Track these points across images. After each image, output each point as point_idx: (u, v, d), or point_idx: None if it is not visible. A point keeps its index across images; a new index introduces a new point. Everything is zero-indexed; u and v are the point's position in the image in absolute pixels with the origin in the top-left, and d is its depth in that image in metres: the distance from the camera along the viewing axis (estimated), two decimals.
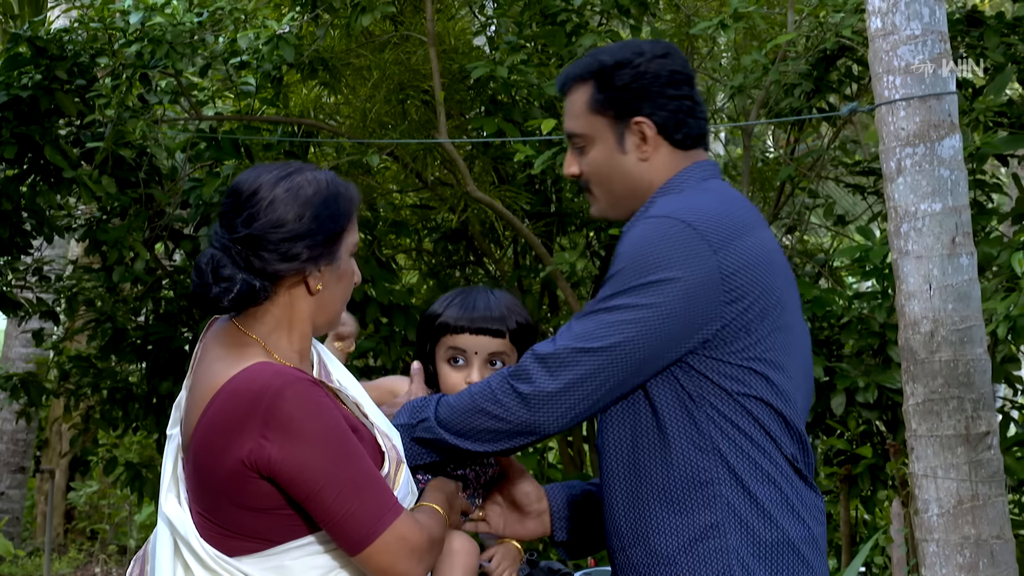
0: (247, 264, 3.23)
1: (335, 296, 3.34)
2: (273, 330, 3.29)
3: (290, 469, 3.10)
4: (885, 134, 6.24)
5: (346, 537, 3.15)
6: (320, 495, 3.11)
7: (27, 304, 10.09)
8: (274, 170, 3.31)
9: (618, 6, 8.69)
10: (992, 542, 6.09)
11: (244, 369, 3.16)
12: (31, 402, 10.75)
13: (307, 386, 3.15)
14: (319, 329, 3.39)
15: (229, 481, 3.14)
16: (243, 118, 9.32)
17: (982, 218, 8.02)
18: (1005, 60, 8.10)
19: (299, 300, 3.30)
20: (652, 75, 3.49)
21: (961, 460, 6.10)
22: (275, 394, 3.11)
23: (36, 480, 16.34)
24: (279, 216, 3.23)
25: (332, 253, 3.28)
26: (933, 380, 6.13)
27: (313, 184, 3.28)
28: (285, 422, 3.09)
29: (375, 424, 3.34)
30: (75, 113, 8.79)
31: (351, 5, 8.21)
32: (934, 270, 6.11)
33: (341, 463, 3.12)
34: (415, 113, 9.13)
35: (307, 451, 3.10)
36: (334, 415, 3.16)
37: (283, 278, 3.26)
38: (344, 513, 3.12)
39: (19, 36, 8.72)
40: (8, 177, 8.99)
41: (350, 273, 3.36)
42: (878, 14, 6.24)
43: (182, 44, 8.02)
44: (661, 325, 3.29)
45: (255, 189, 3.27)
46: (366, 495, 3.13)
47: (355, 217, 3.38)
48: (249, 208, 3.26)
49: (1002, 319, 7.07)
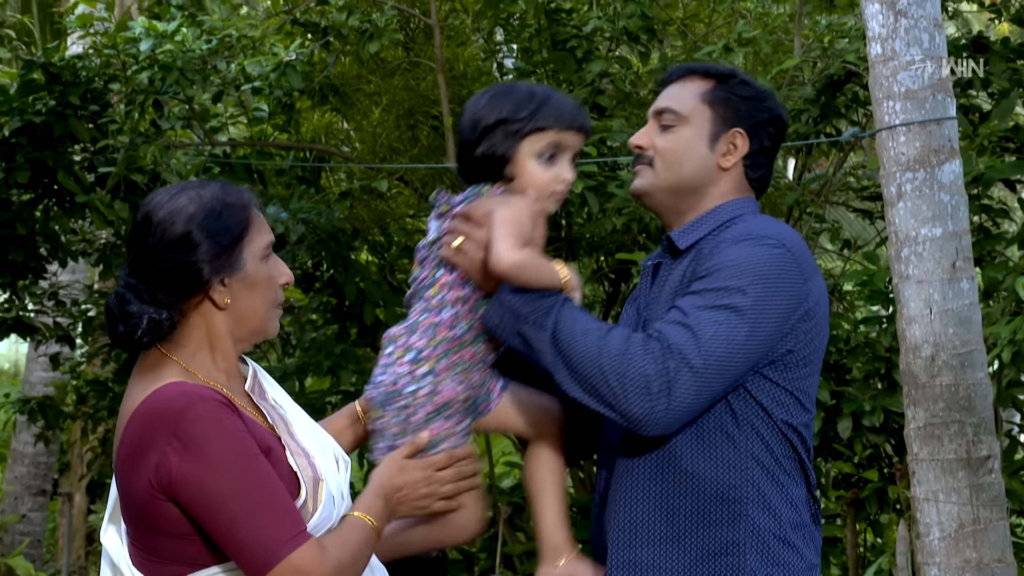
0: (150, 297, 3.20)
1: (252, 305, 3.26)
2: (196, 351, 3.24)
3: (188, 489, 3.03)
4: (885, 159, 6.22)
5: (244, 565, 3.06)
6: (216, 519, 3.03)
7: (43, 328, 10.13)
8: (160, 195, 3.25)
9: (627, 33, 8.69)
10: (994, 566, 6.05)
11: (154, 391, 3.12)
12: (48, 425, 10.76)
13: (213, 406, 3.08)
14: (245, 340, 3.31)
15: (143, 505, 3.10)
16: (255, 144, 9.35)
17: (988, 243, 7.99)
18: (1010, 86, 8.09)
19: (212, 317, 3.24)
20: (768, 109, 3.59)
21: (962, 484, 6.07)
22: (177, 413, 3.05)
23: (58, 503, 16.37)
24: (164, 240, 3.18)
25: (232, 264, 3.20)
26: (934, 404, 6.11)
27: (196, 201, 3.21)
28: (186, 441, 3.03)
29: (297, 445, 3.29)
30: (88, 139, 8.83)
31: (359, 32, 8.24)
32: (935, 294, 6.09)
33: (239, 487, 3.03)
34: (424, 138, 9.15)
35: (205, 471, 3.03)
36: (239, 437, 3.08)
37: (188, 300, 3.22)
38: (240, 540, 3.02)
39: (33, 62, 8.77)
40: (23, 202, 9.03)
41: (265, 278, 3.26)
42: (878, 40, 6.23)
43: (192, 71, 8.06)
44: (767, 336, 3.34)
45: (142, 218, 3.23)
46: (264, 522, 3.03)
47: (255, 222, 3.27)
48: (139, 240, 3.22)
49: (1006, 343, 7.03)
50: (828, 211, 10.21)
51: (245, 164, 9.21)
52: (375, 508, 3.32)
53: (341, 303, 9.05)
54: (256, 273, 3.24)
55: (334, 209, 8.59)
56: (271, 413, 3.31)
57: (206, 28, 8.21)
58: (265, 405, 3.32)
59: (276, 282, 3.30)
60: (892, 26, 6.19)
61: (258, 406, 3.30)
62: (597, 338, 3.28)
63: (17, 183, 8.84)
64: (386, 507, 3.37)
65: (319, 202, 8.64)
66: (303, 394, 9.10)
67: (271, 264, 3.29)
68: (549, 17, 9.00)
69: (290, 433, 3.30)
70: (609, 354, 3.25)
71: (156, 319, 3.19)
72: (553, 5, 9.07)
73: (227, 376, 3.28)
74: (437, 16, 8.73)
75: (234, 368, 3.32)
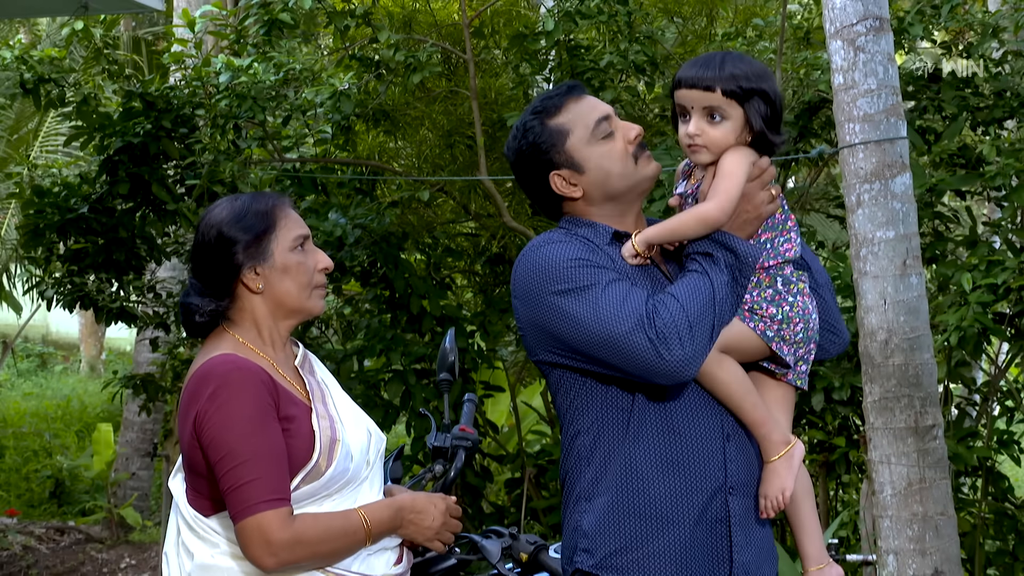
0: (203, 289, 3.32)
1: (286, 288, 3.36)
2: (248, 328, 3.37)
3: (206, 437, 3.15)
4: (847, 173, 6.23)
5: (229, 507, 3.16)
6: (218, 465, 3.14)
7: (143, 316, 10.22)
8: (209, 207, 3.42)
9: (635, 66, 8.71)
10: (937, 518, 6.06)
11: (209, 359, 3.24)
12: (149, 398, 10.85)
13: (248, 375, 3.19)
14: (289, 318, 3.41)
15: (188, 449, 3.22)
16: (320, 160, 9.40)
17: (939, 244, 7.98)
18: (959, 111, 8.06)
19: (251, 301, 3.37)
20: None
21: (911, 449, 6.08)
22: (219, 378, 3.19)
23: (162, 463, 16.53)
24: (201, 241, 3.33)
25: (260, 255, 3.32)
26: (888, 381, 6.11)
27: (227, 208, 3.36)
28: (218, 401, 3.15)
29: (325, 410, 3.35)
30: (178, 156, 8.91)
31: (405, 66, 8.29)
32: (888, 288, 6.10)
33: (244, 446, 3.12)
34: (461, 156, 9.18)
35: (222, 425, 3.14)
36: (261, 407, 3.17)
37: (231, 288, 3.32)
38: (228, 488, 3.13)
39: (132, 92, 8.86)
40: (124, 210, 9.13)
41: (296, 264, 3.37)
42: (840, 71, 6.24)
43: (263, 99, 8.12)
44: None
45: (197, 226, 3.39)
46: (253, 480, 3.12)
47: (283, 219, 3.38)
48: (193, 243, 3.40)
49: (953, 329, 7.02)
50: (807, 217, 10.20)
51: (311, 177, 9.26)
52: (379, 514, 3.35)
53: (392, 295, 9.09)
54: (286, 261, 3.34)
55: (384, 216, 8.64)
56: (312, 384, 3.39)
57: (275, 63, 8.26)
58: (310, 379, 3.40)
59: (311, 267, 3.39)
60: (852, 60, 6.19)
61: (303, 378, 3.37)
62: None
63: (119, 194, 8.95)
64: (393, 518, 3.39)
65: (372, 210, 8.69)
66: (361, 372, 9.15)
67: (307, 253, 3.38)
68: (570, 53, 9.03)
69: (324, 403, 3.37)
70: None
71: (207, 308, 3.31)
72: (573, 43, 9.10)
73: (275, 349, 3.37)
74: (472, 52, 8.76)
75: (281, 342, 3.40)
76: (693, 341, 3.19)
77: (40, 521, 14.21)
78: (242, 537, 3.10)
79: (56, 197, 9.11)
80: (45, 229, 9.09)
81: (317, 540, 3.18)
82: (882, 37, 6.18)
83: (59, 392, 21.21)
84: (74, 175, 9.47)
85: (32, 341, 26.52)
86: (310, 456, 3.21)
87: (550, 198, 3.49)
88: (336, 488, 3.27)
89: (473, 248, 10.35)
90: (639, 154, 3.48)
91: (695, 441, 3.34)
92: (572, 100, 3.49)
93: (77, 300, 9.56)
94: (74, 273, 9.50)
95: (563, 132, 3.45)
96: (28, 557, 12.30)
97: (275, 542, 3.10)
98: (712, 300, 3.24)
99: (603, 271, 3.31)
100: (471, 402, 4.23)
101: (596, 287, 3.27)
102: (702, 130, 3.35)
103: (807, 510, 3.53)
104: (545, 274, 3.33)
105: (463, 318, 9.35)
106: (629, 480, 3.32)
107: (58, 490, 15.47)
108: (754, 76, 3.35)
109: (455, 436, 4.00)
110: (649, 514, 3.30)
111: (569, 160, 3.45)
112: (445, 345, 4.08)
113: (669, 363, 3.16)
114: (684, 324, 3.19)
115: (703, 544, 3.31)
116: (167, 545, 3.33)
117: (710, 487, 3.33)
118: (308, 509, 3.22)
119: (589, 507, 3.36)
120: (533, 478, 9.57)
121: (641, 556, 3.29)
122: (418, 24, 9.30)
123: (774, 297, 3.37)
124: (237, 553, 3.17)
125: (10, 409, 18.90)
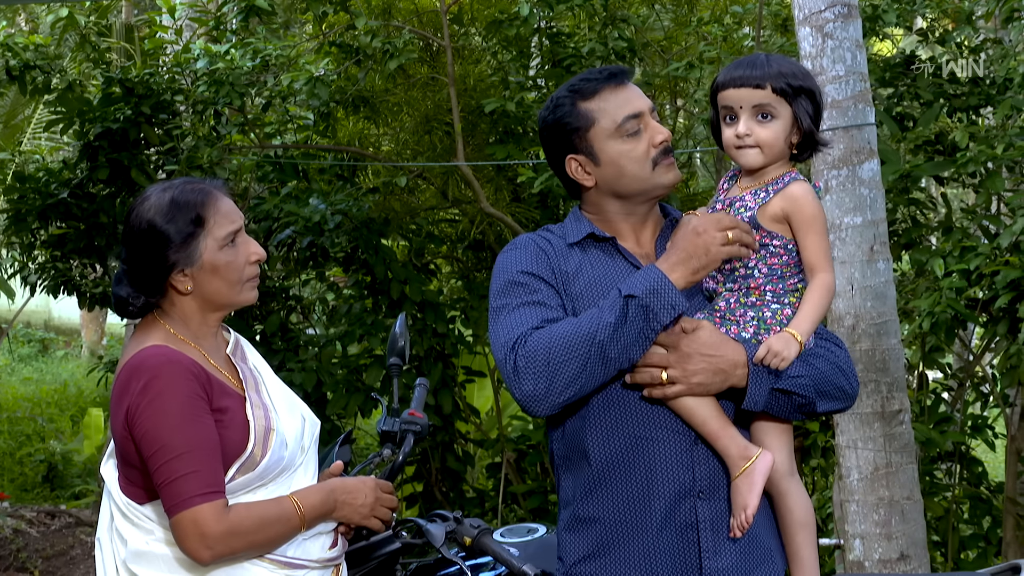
0: (132, 280, 3.26)
1: (216, 287, 3.30)
2: (177, 320, 3.30)
3: (139, 431, 3.10)
4: (815, 159, 6.17)
5: (163, 501, 3.12)
6: (151, 459, 3.10)
7: None
8: (138, 199, 3.32)
9: (615, 53, 8.67)
10: (903, 503, 6.02)
11: (140, 350, 3.19)
12: None
13: (179, 369, 3.14)
14: (220, 311, 3.36)
15: (120, 440, 3.17)
16: (301, 147, 9.36)
17: (915, 230, 7.92)
18: (934, 97, 8.00)
19: (180, 300, 3.30)
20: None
21: (877, 434, 6.04)
22: (150, 371, 3.13)
23: None
24: (132, 233, 3.26)
25: (188, 257, 3.24)
26: (855, 366, 6.05)
27: (154, 206, 3.26)
28: (150, 394, 3.09)
29: (259, 399, 3.30)
30: (158, 142, 8.87)
31: (383, 52, 8.23)
32: (856, 273, 6.06)
33: (176, 440, 3.08)
34: (439, 142, 9.13)
35: (154, 420, 3.09)
36: (192, 400, 3.12)
37: (160, 283, 3.26)
38: (162, 482, 3.09)
39: (112, 78, 8.80)
40: (103, 195, 9.08)
41: (225, 264, 3.28)
42: (809, 58, 6.20)
43: (241, 84, 8.07)
44: None
45: (125, 218, 3.32)
46: (186, 474, 3.07)
47: (212, 216, 3.28)
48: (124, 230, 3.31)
49: (925, 315, 6.97)
50: None
51: (292, 164, 9.21)
52: (311, 498, 3.31)
53: (373, 281, 9.06)
54: (215, 261, 3.26)
55: (364, 202, 8.59)
56: (244, 372, 3.34)
57: (252, 48, 8.21)
58: (243, 367, 3.35)
59: (241, 263, 3.31)
60: (820, 46, 6.15)
61: (235, 366, 3.32)
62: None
63: (99, 179, 8.90)
64: (325, 501, 3.34)
65: (352, 195, 8.65)
66: (346, 357, 9.11)
67: (237, 247, 3.30)
68: (552, 40, 8.98)
69: (257, 391, 3.32)
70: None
71: (140, 302, 3.27)
72: (555, 30, 9.05)
73: (206, 339, 3.31)
74: (450, 39, 8.71)
75: (212, 332, 3.35)
76: (548, 379, 3.12)
77: (32, 505, 14.16)
78: (177, 531, 3.06)
79: (37, 183, 9.07)
80: (27, 214, 9.06)
81: (252, 530, 3.15)
82: (850, 24, 6.13)
83: (58, 377, 21.18)
84: (56, 161, 9.43)
85: (34, 327, 26.49)
86: (245, 446, 3.16)
87: (567, 178, 3.45)
88: (271, 477, 3.22)
89: (456, 234, 10.30)
90: (660, 160, 3.36)
91: (657, 445, 3.25)
92: (609, 88, 3.38)
93: (60, 285, 9.51)
94: (57, 259, 9.46)
95: (590, 119, 3.36)
96: (18, 540, 12.26)
97: (210, 535, 3.07)
98: (590, 340, 3.14)
99: (524, 291, 3.28)
100: (423, 387, 4.19)
101: (506, 309, 3.27)
102: (751, 130, 3.29)
103: (801, 541, 3.35)
104: (492, 284, 3.36)
105: (443, 304, 9.32)
106: (593, 487, 3.27)
107: (51, 474, 15.43)
108: (801, 75, 3.31)
109: (404, 420, 3.95)
110: (612, 520, 3.25)
111: (588, 148, 3.37)
112: (395, 330, 4.03)
113: (521, 395, 3.14)
114: (542, 360, 3.12)
115: (670, 550, 3.23)
116: (100, 531, 3.27)
117: (673, 491, 3.24)
118: (243, 498, 3.18)
119: (563, 514, 3.36)
120: (513, 462, 9.53)
121: (606, 563, 3.25)
122: (398, 11, 9.24)
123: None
124: (171, 540, 3.13)
125: (7, 394, 18.88)
